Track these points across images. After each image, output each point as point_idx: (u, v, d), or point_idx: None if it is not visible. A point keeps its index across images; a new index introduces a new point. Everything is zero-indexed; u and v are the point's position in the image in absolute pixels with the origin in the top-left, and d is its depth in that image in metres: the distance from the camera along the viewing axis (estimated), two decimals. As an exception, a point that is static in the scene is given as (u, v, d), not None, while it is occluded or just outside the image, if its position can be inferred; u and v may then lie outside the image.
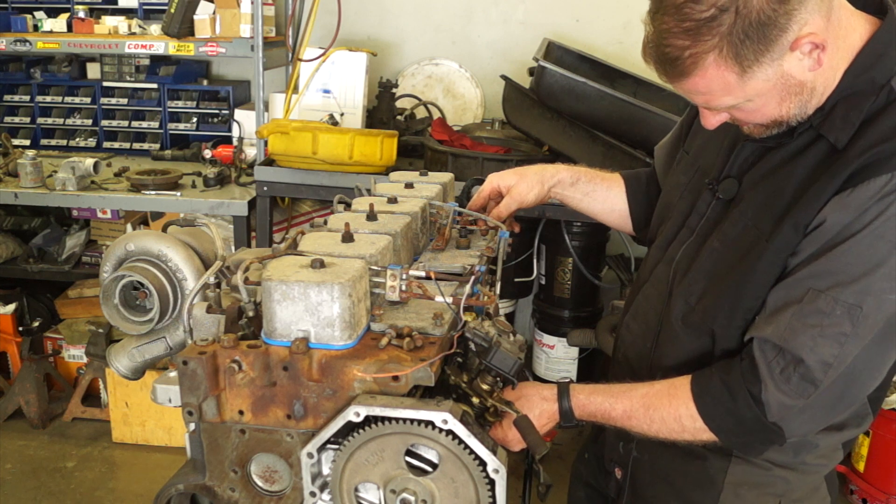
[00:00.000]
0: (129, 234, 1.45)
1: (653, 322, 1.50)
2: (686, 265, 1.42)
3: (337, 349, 1.12)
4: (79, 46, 3.75)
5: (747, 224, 1.32)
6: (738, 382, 1.28)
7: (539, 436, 1.25)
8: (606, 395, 1.40)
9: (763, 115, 1.27)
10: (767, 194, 1.31)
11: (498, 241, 1.59)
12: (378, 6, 4.16)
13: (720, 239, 1.37)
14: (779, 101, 1.24)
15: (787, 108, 1.25)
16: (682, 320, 1.41)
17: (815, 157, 1.27)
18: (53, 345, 3.99)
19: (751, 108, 1.26)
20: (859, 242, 1.18)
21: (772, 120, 1.28)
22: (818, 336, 1.21)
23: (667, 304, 1.45)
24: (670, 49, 1.19)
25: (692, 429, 1.33)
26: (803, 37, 1.16)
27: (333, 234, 1.35)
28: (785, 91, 1.22)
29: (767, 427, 1.28)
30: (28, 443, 3.65)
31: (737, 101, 1.24)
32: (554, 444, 3.61)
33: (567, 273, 3.85)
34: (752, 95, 1.22)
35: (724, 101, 1.25)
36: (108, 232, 4.21)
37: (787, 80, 1.21)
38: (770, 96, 1.23)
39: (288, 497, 1.18)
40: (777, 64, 1.18)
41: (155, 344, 1.43)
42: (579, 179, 1.79)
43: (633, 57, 3.78)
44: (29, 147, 4.11)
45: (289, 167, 3.24)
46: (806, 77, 1.21)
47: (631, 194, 1.80)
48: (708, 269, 1.38)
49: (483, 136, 3.45)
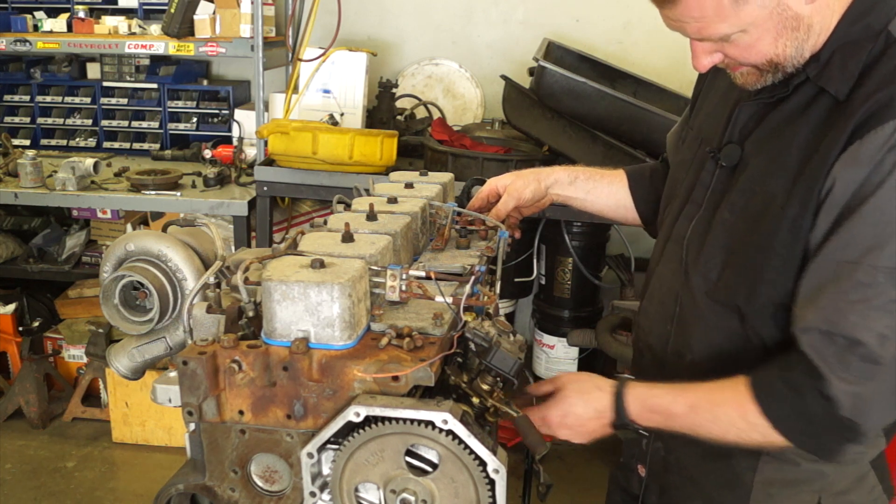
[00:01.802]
0: (129, 234, 1.45)
1: (670, 303, 1.42)
2: (699, 241, 1.36)
3: (337, 349, 1.12)
4: (79, 46, 3.75)
5: (756, 190, 1.27)
6: (802, 379, 1.19)
7: (539, 436, 1.26)
8: (667, 390, 1.31)
9: (758, 52, 1.22)
10: (772, 157, 1.25)
11: (498, 240, 1.59)
12: (378, 6, 4.16)
13: (730, 209, 1.31)
14: (774, 37, 1.20)
15: (783, 46, 1.20)
16: (708, 296, 1.33)
17: (818, 114, 1.22)
18: (53, 345, 3.99)
19: (745, 43, 1.21)
20: (881, 199, 1.12)
21: (767, 59, 1.23)
22: (867, 310, 1.13)
23: (684, 284, 1.38)
24: None
25: (761, 429, 1.23)
26: None
27: (333, 234, 1.35)
28: (781, 24, 1.18)
29: (842, 423, 1.18)
30: (28, 443, 3.65)
31: (731, 29, 1.19)
32: (554, 444, 3.60)
33: (567, 273, 3.85)
34: (746, 24, 1.18)
35: (718, 29, 1.20)
36: (108, 232, 4.21)
37: (783, 11, 1.17)
38: (765, 28, 1.19)
39: (288, 497, 1.18)
40: None
41: (155, 344, 1.43)
42: (577, 178, 1.77)
43: (633, 57, 3.82)
44: (29, 147, 4.11)
45: (289, 167, 3.24)
46: (803, 10, 1.18)
47: (634, 188, 1.77)
48: (723, 243, 1.31)
49: (483, 136, 3.45)
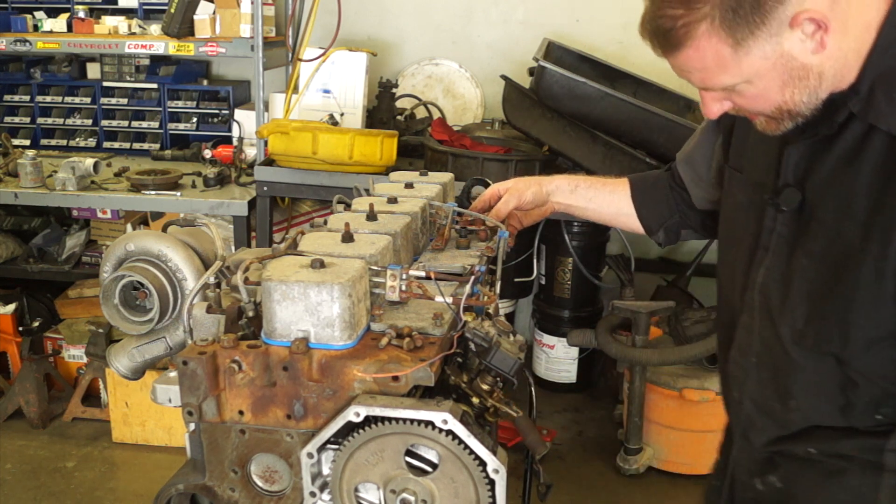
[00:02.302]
0: (129, 234, 1.45)
1: (763, 352, 1.39)
2: (780, 289, 1.33)
3: (337, 349, 1.12)
4: (79, 46, 3.75)
5: (831, 236, 1.24)
6: None
7: (539, 436, 1.26)
8: None
9: (766, 101, 1.20)
10: (840, 203, 1.22)
11: (498, 240, 1.59)
12: (378, 6, 4.16)
13: (806, 255, 1.28)
14: (781, 86, 1.17)
15: (791, 95, 1.18)
16: (798, 344, 1.31)
17: (877, 154, 1.18)
18: (53, 345, 3.98)
19: (752, 93, 1.20)
20: None
21: (776, 107, 1.21)
22: None
23: (774, 333, 1.35)
24: (664, 20, 1.16)
25: None
26: (802, 12, 1.10)
27: (333, 234, 1.35)
28: (787, 74, 1.16)
29: None
30: (28, 443, 3.65)
31: (734, 80, 1.18)
32: (554, 444, 3.61)
33: (567, 273, 3.85)
34: (750, 75, 1.17)
35: (721, 80, 1.19)
36: (108, 232, 4.21)
37: (788, 62, 1.15)
38: (771, 79, 1.17)
39: (288, 497, 1.18)
40: (775, 41, 1.13)
41: (155, 344, 1.43)
42: (578, 186, 1.77)
43: (633, 57, 3.81)
44: (29, 147, 4.11)
45: (289, 167, 3.24)
46: (810, 60, 1.15)
47: (637, 197, 1.76)
48: (805, 290, 1.28)
49: (483, 136, 3.45)
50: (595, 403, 3.98)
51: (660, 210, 1.74)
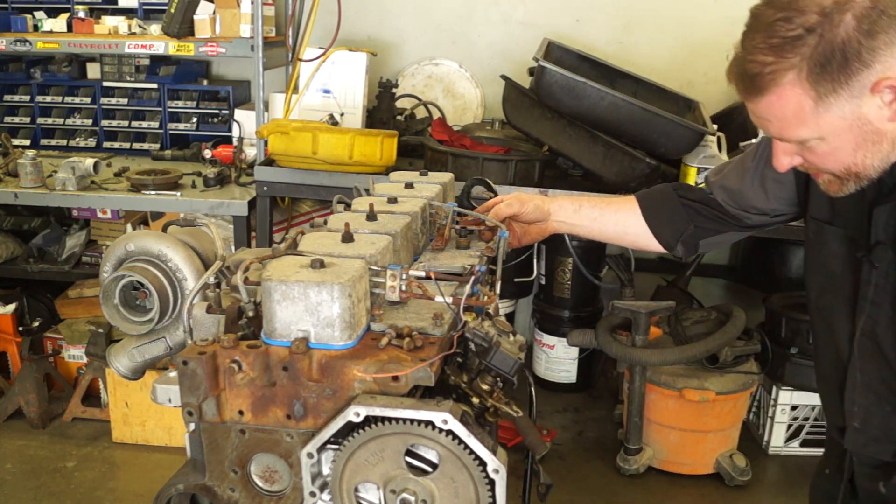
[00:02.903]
0: (129, 234, 1.45)
1: (885, 393, 1.44)
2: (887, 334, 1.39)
3: (337, 349, 1.12)
4: (79, 46, 3.75)
5: None
6: None
7: (539, 436, 1.26)
8: None
9: (836, 161, 1.25)
10: None
11: (498, 240, 1.59)
12: (378, 6, 4.16)
13: None
14: (854, 148, 1.22)
15: (863, 157, 1.22)
16: None
17: None
18: (53, 345, 3.99)
19: (824, 151, 1.24)
20: None
21: (845, 168, 1.25)
22: None
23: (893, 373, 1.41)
24: (753, 64, 1.20)
25: None
26: (885, 80, 1.14)
27: (333, 234, 1.35)
28: (861, 136, 1.20)
29: None
30: (28, 443, 3.65)
31: (810, 134, 1.22)
32: (554, 444, 3.61)
33: (567, 273, 3.85)
34: (826, 132, 1.20)
35: (797, 133, 1.23)
36: (108, 232, 4.21)
37: (864, 125, 1.19)
38: (845, 138, 1.21)
39: (288, 497, 1.18)
40: (855, 103, 1.17)
41: (155, 344, 1.43)
42: (582, 206, 1.79)
43: (633, 57, 3.82)
44: (29, 147, 4.11)
45: (289, 167, 3.24)
46: (886, 127, 1.19)
47: (649, 215, 1.78)
48: None
49: (483, 136, 3.45)
50: (595, 403, 3.98)
51: (674, 224, 1.75)
